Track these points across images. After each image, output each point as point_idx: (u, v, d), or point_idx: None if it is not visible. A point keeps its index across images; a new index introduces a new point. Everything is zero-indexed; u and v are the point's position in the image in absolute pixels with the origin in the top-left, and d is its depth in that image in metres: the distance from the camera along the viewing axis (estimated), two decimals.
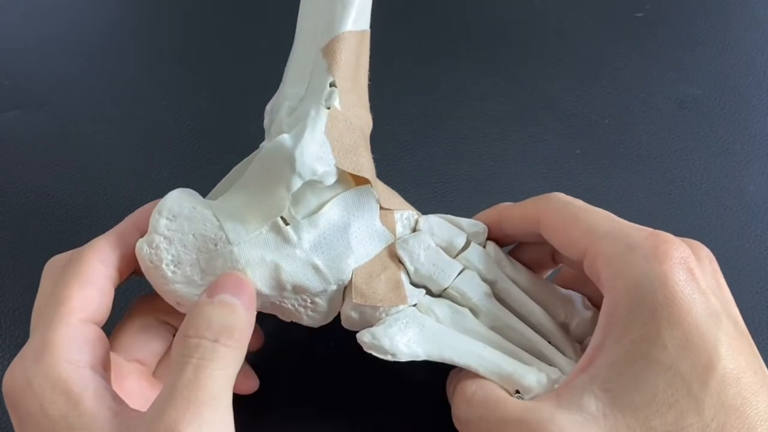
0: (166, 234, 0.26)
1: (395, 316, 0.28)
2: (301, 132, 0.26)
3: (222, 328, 0.24)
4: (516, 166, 0.43)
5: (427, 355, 0.27)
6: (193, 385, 0.22)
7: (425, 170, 0.42)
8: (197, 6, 0.55)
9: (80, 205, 0.40)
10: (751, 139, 0.44)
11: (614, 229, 0.26)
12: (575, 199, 0.28)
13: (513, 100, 0.46)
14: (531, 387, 0.26)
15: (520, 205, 0.30)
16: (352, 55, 0.27)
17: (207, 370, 0.23)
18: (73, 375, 0.24)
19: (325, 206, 0.27)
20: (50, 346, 0.24)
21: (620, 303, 0.24)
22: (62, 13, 0.53)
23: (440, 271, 0.29)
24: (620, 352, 0.24)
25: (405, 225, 0.30)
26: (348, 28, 0.27)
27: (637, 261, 0.24)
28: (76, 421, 0.23)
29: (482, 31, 0.52)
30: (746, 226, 0.39)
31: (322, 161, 0.26)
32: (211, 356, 0.23)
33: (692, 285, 0.24)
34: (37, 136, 0.43)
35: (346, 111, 0.27)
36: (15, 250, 0.37)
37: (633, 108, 0.46)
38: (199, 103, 0.46)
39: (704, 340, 0.23)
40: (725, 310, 0.24)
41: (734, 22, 0.53)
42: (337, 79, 0.27)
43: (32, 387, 0.23)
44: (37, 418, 0.23)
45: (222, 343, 0.24)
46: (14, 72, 0.48)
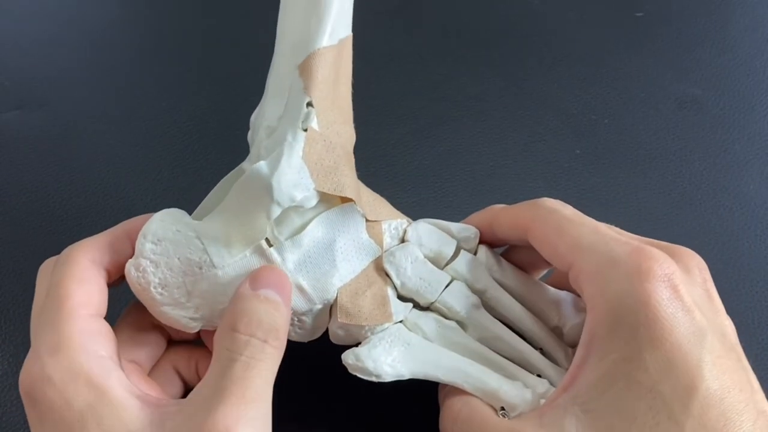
0: (152, 258, 0.26)
1: (380, 335, 0.28)
2: (277, 159, 0.25)
3: (271, 327, 0.24)
4: (515, 166, 0.43)
5: (412, 374, 0.27)
6: (242, 383, 0.23)
7: (425, 170, 0.42)
8: (197, 6, 0.55)
9: (80, 205, 0.40)
10: (750, 139, 0.44)
11: (598, 242, 0.25)
12: (564, 206, 0.28)
13: (513, 100, 0.46)
14: (515, 404, 0.26)
15: (511, 211, 0.29)
16: (330, 71, 0.26)
17: (256, 369, 0.23)
18: (94, 365, 0.24)
19: (308, 225, 0.27)
20: (65, 339, 0.24)
21: (602, 321, 0.24)
22: (62, 13, 0.53)
23: (427, 284, 0.29)
24: (601, 372, 0.23)
25: (393, 235, 0.29)
26: (323, 44, 0.26)
27: (618, 278, 0.24)
28: (104, 411, 0.23)
29: (482, 31, 0.52)
30: (746, 226, 0.39)
31: (300, 187, 0.26)
32: (261, 356, 0.23)
33: (675, 303, 0.23)
34: (37, 136, 0.43)
35: (325, 130, 0.26)
36: (15, 250, 0.37)
37: (633, 108, 0.46)
38: (199, 104, 0.46)
39: (686, 361, 0.22)
40: (713, 325, 0.24)
41: (734, 22, 0.53)
42: (314, 99, 0.26)
43: (53, 381, 0.23)
44: (62, 412, 0.23)
45: (270, 344, 0.24)
46: (14, 72, 0.48)
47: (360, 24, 0.28)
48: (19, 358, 0.33)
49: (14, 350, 0.33)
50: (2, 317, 0.35)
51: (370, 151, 0.43)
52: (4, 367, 0.33)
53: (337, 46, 0.26)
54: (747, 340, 0.34)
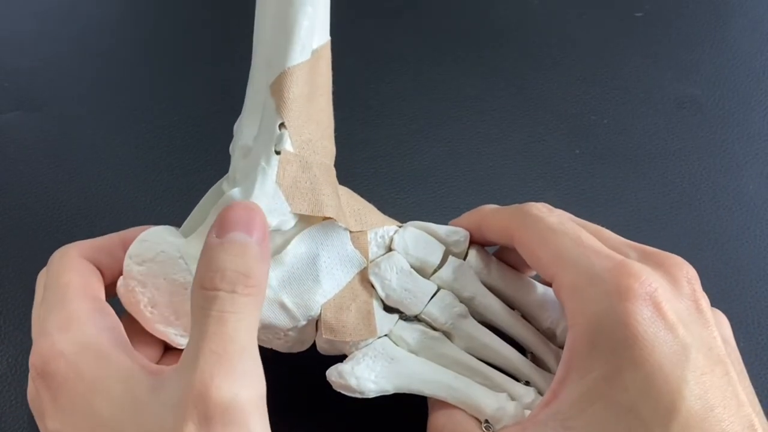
0: (139, 278, 0.26)
1: (364, 351, 0.28)
2: (251, 186, 0.25)
3: (237, 275, 0.23)
4: (515, 166, 0.43)
5: (396, 389, 0.27)
6: (218, 339, 0.22)
7: (425, 170, 0.42)
8: (198, 8, 0.55)
9: (79, 206, 0.40)
10: (750, 139, 0.44)
11: (579, 257, 0.25)
12: (550, 212, 0.27)
13: (512, 100, 0.46)
14: (499, 418, 0.26)
15: (498, 215, 0.29)
16: (303, 88, 0.26)
17: (230, 323, 0.22)
18: (102, 337, 0.24)
19: (290, 243, 0.27)
20: (74, 316, 0.25)
21: (582, 339, 0.24)
22: (63, 13, 0.53)
23: (412, 296, 0.28)
24: (582, 390, 0.23)
25: (379, 244, 0.29)
26: (294, 62, 0.25)
27: (598, 296, 0.24)
28: (110, 378, 0.23)
29: (481, 31, 0.52)
30: (745, 226, 0.39)
31: (275, 213, 0.25)
32: (231, 308, 0.23)
33: (657, 322, 0.23)
34: (37, 137, 0.43)
35: (300, 150, 0.26)
36: (14, 251, 0.37)
37: (632, 108, 0.46)
38: (199, 105, 0.46)
39: (667, 382, 0.22)
40: (698, 340, 0.23)
41: (734, 22, 0.53)
42: (287, 120, 0.25)
43: (65, 355, 0.24)
44: (74, 383, 0.23)
45: (239, 293, 0.23)
46: (14, 73, 0.48)
47: (360, 24, 0.28)
48: (18, 359, 0.33)
49: (14, 350, 0.33)
50: (2, 317, 0.35)
51: (370, 151, 0.43)
52: (3, 367, 0.33)
53: (311, 59, 0.26)
54: (747, 340, 0.34)
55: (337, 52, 0.28)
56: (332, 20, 0.27)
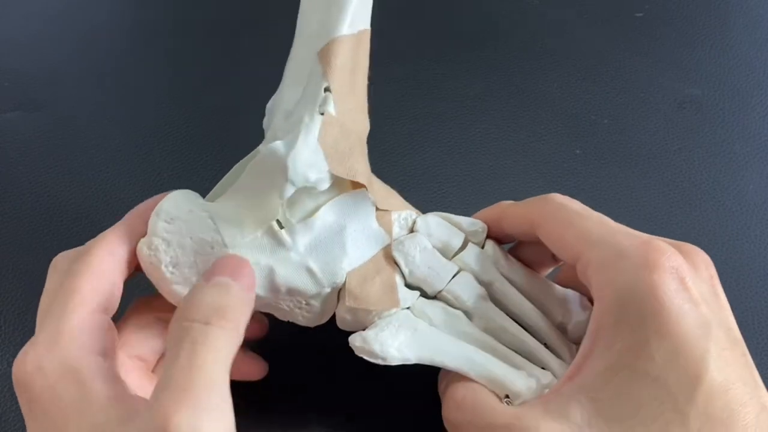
0: (165, 236, 0.27)
1: (387, 320, 0.28)
2: (294, 139, 0.26)
3: (213, 309, 0.23)
4: (515, 166, 0.43)
5: (418, 359, 0.27)
6: (186, 371, 0.22)
7: (425, 170, 0.42)
8: (198, 7, 0.55)
9: (80, 205, 0.40)
10: (750, 139, 0.44)
11: (606, 235, 0.26)
12: (572, 201, 0.28)
13: (512, 100, 0.47)
14: (520, 392, 0.26)
15: (520, 206, 0.30)
16: (348, 60, 0.27)
17: (200, 354, 0.22)
18: (84, 362, 0.24)
19: (320, 209, 0.27)
20: (63, 334, 0.24)
21: (609, 312, 0.24)
22: (62, 13, 0.53)
23: (435, 273, 0.29)
24: (607, 361, 0.23)
25: (402, 225, 0.30)
26: (343, 32, 0.27)
27: (626, 270, 0.24)
28: (85, 406, 0.23)
29: (482, 31, 0.52)
30: (746, 226, 0.39)
31: (314, 168, 0.26)
32: (203, 339, 0.23)
33: (683, 295, 0.23)
34: (37, 136, 0.43)
35: (341, 116, 0.27)
36: (15, 251, 0.37)
37: (632, 108, 0.46)
38: (200, 104, 0.46)
39: (692, 352, 0.22)
40: (718, 319, 0.24)
41: (734, 22, 0.53)
42: (332, 85, 0.26)
43: (44, 373, 0.23)
44: (48, 403, 0.23)
45: (214, 324, 0.23)
46: (14, 72, 0.48)
47: None
48: None
49: (14, 350, 0.33)
50: (2, 317, 0.35)
51: (370, 151, 0.43)
52: (3, 366, 0.33)
53: (357, 36, 0.27)
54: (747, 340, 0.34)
55: None
56: None
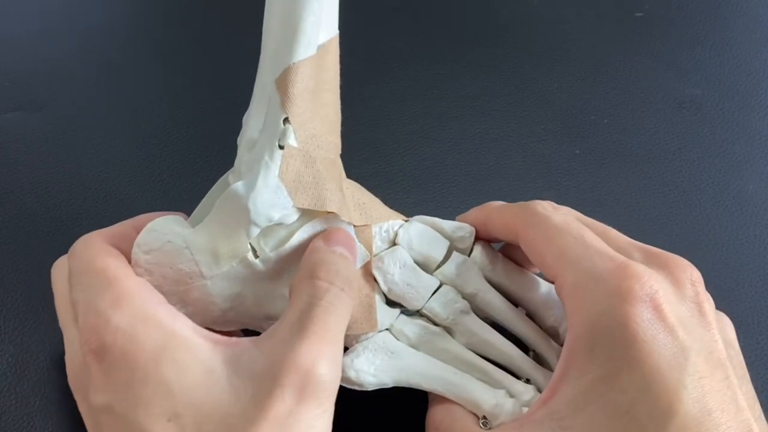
0: (146, 267, 0.27)
1: (364, 344, 0.28)
2: (254, 180, 0.25)
3: (347, 279, 0.26)
4: (515, 165, 0.43)
5: (395, 382, 0.28)
6: (324, 325, 0.24)
7: (425, 170, 0.42)
8: (198, 7, 0.55)
9: (80, 206, 0.40)
10: (750, 139, 0.44)
11: (582, 257, 0.25)
12: (555, 210, 0.27)
13: (512, 100, 0.47)
14: (497, 414, 0.26)
15: (504, 212, 0.29)
16: (308, 83, 0.26)
17: (335, 314, 0.24)
18: (160, 310, 0.24)
19: (293, 236, 0.27)
20: (125, 293, 0.24)
21: (581, 339, 0.24)
22: (63, 14, 0.53)
23: (414, 291, 0.29)
24: (579, 389, 0.23)
25: (383, 238, 0.29)
26: (299, 58, 0.25)
27: (598, 297, 0.24)
28: (177, 349, 0.23)
29: (481, 31, 0.52)
30: (745, 226, 0.39)
31: (277, 207, 0.26)
32: (339, 303, 0.25)
33: (656, 325, 0.23)
34: (38, 137, 0.43)
35: (304, 144, 0.26)
36: (15, 251, 0.37)
37: (632, 108, 0.46)
38: (200, 105, 0.46)
39: (665, 385, 0.22)
40: (699, 344, 0.23)
41: (734, 22, 0.53)
42: (291, 115, 0.26)
43: (122, 329, 0.23)
44: (134, 355, 0.23)
45: (347, 293, 0.25)
46: (14, 72, 0.48)
47: (360, 24, 0.28)
48: (18, 359, 0.33)
49: (14, 350, 0.33)
50: (2, 317, 0.35)
51: (370, 151, 0.43)
52: (3, 366, 0.33)
53: (317, 54, 0.26)
54: (747, 340, 0.34)
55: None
56: None
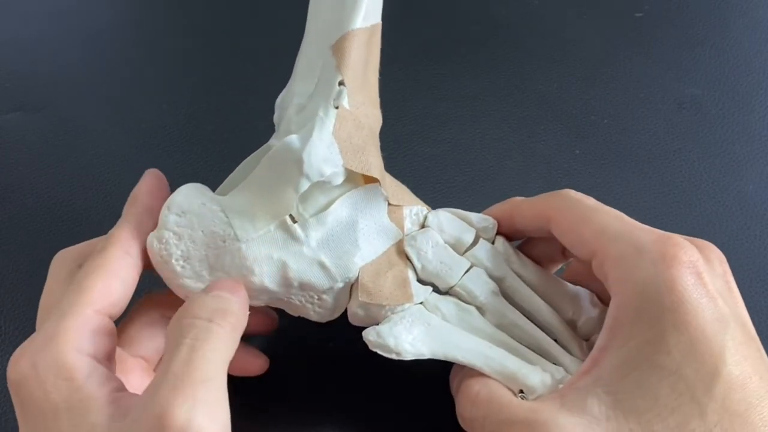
0: (176, 230, 0.26)
1: (401, 315, 0.28)
2: (309, 133, 0.26)
3: (216, 310, 0.24)
4: (515, 166, 0.43)
5: (432, 354, 0.27)
6: (186, 366, 0.22)
7: (425, 170, 0.42)
8: (198, 7, 0.55)
9: (80, 206, 0.40)
10: (750, 139, 0.44)
11: (624, 231, 0.26)
12: (586, 197, 0.28)
13: (512, 100, 0.47)
14: (534, 387, 0.26)
15: (532, 202, 0.30)
16: (362, 53, 0.27)
17: (200, 351, 0.23)
18: (78, 363, 0.24)
19: (333, 204, 0.27)
20: (60, 334, 0.24)
21: (626, 306, 0.24)
22: (63, 14, 0.53)
23: (447, 268, 0.29)
24: (625, 355, 0.24)
25: (414, 221, 0.30)
26: (357, 26, 0.27)
27: (644, 264, 0.24)
28: (76, 405, 0.23)
29: (481, 31, 0.52)
30: (746, 226, 0.39)
31: (329, 163, 0.26)
32: (205, 336, 0.23)
33: (700, 289, 0.23)
34: (38, 137, 0.44)
35: (355, 110, 0.27)
36: (15, 251, 0.37)
37: (632, 108, 0.46)
38: (200, 105, 0.46)
39: (710, 346, 0.23)
40: (734, 314, 0.24)
41: (734, 22, 0.53)
42: (346, 78, 0.26)
43: (37, 372, 0.23)
44: (40, 402, 0.23)
45: (216, 323, 0.24)
46: (15, 74, 0.48)
47: None
48: None
49: (13, 350, 0.33)
50: (2, 317, 0.35)
51: None
52: (3, 366, 0.33)
53: (370, 29, 0.27)
54: None
55: None
56: None
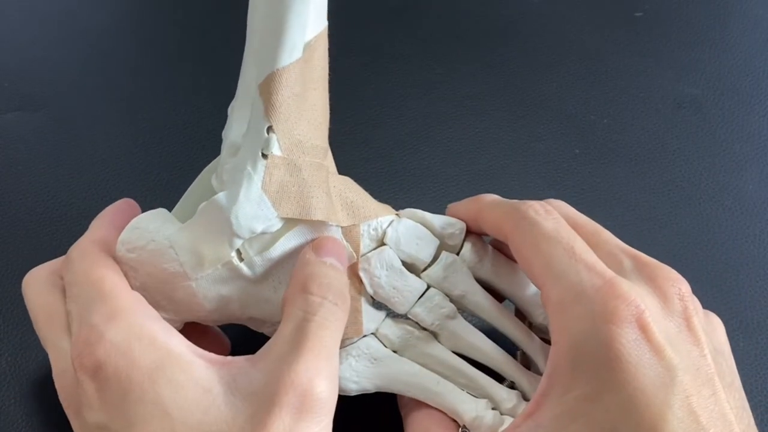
0: (131, 264, 0.26)
1: (348, 349, 0.28)
2: (236, 192, 0.25)
3: (339, 292, 0.26)
4: (514, 165, 0.43)
5: (377, 388, 0.28)
6: (319, 341, 0.24)
7: (425, 170, 0.42)
8: (197, 7, 0.55)
9: (80, 206, 0.40)
10: (749, 138, 0.44)
11: (569, 269, 0.24)
12: (546, 216, 0.26)
13: (512, 100, 0.47)
14: (477, 426, 0.27)
15: (495, 211, 0.28)
16: (293, 88, 0.25)
17: (329, 329, 0.24)
18: (156, 326, 0.24)
19: (279, 240, 0.26)
20: (120, 307, 0.24)
21: (564, 357, 0.23)
22: (62, 14, 0.53)
23: (400, 295, 0.28)
24: (563, 406, 0.23)
25: (372, 236, 0.29)
26: (283, 64, 0.24)
27: (583, 315, 0.23)
28: (173, 368, 0.23)
29: (482, 31, 0.52)
30: (745, 226, 0.39)
31: (260, 219, 0.25)
32: (332, 317, 0.25)
33: (642, 346, 0.22)
34: (38, 137, 0.44)
35: (290, 153, 0.25)
36: (14, 251, 0.37)
37: (632, 108, 0.46)
38: (199, 105, 0.46)
39: (649, 405, 0.22)
40: (686, 362, 0.23)
41: (734, 22, 0.53)
42: (275, 123, 0.25)
43: (116, 345, 0.23)
44: (128, 372, 0.23)
45: (340, 306, 0.25)
46: (15, 73, 0.48)
47: (360, 24, 0.28)
48: (18, 358, 0.33)
49: (14, 350, 0.33)
50: (1, 317, 0.35)
51: (370, 151, 0.43)
52: (3, 366, 0.33)
53: (303, 56, 0.25)
54: (747, 340, 0.34)
55: (337, 52, 0.28)
56: (332, 21, 0.27)
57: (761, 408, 0.32)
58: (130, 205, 0.29)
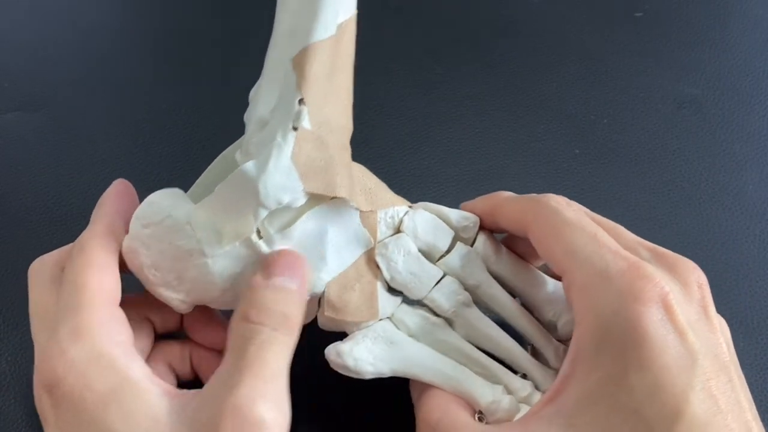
0: (144, 240, 0.26)
1: (364, 332, 0.28)
2: (265, 161, 0.25)
3: (281, 316, 0.25)
4: (514, 165, 0.43)
5: (393, 372, 0.28)
6: (259, 363, 0.23)
7: (425, 170, 0.42)
8: (197, 6, 0.55)
9: (80, 206, 0.40)
10: (749, 139, 0.44)
11: (593, 254, 0.25)
12: (568, 206, 0.27)
13: (512, 100, 0.47)
14: (493, 411, 0.26)
15: (514, 204, 0.29)
16: (325, 65, 0.25)
17: (271, 351, 0.24)
18: (116, 350, 0.24)
19: (300, 218, 0.27)
20: (86, 325, 0.24)
21: (589, 338, 0.24)
22: (62, 14, 0.53)
23: (417, 280, 0.29)
24: (587, 389, 0.23)
25: (389, 224, 0.29)
26: (318, 38, 0.25)
27: (609, 296, 0.23)
28: (126, 394, 0.23)
29: (481, 31, 0.52)
30: (745, 226, 0.39)
31: (287, 190, 0.25)
32: (271, 341, 0.24)
33: (667, 326, 0.23)
34: (37, 137, 0.44)
35: (317, 128, 0.26)
36: (14, 251, 0.37)
37: (632, 108, 0.46)
38: (199, 105, 0.46)
39: (674, 385, 0.22)
40: (705, 347, 0.23)
41: (734, 22, 0.53)
42: (307, 97, 0.25)
43: (75, 365, 0.23)
44: (82, 394, 0.23)
45: (280, 331, 0.25)
46: (14, 73, 0.48)
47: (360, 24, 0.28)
48: (18, 358, 0.33)
49: (14, 350, 0.33)
50: (1, 317, 0.35)
51: (370, 151, 0.43)
52: (3, 366, 0.33)
53: (335, 35, 0.25)
54: (747, 340, 0.34)
55: None
56: None
57: (761, 408, 0.32)
58: (126, 186, 0.29)
